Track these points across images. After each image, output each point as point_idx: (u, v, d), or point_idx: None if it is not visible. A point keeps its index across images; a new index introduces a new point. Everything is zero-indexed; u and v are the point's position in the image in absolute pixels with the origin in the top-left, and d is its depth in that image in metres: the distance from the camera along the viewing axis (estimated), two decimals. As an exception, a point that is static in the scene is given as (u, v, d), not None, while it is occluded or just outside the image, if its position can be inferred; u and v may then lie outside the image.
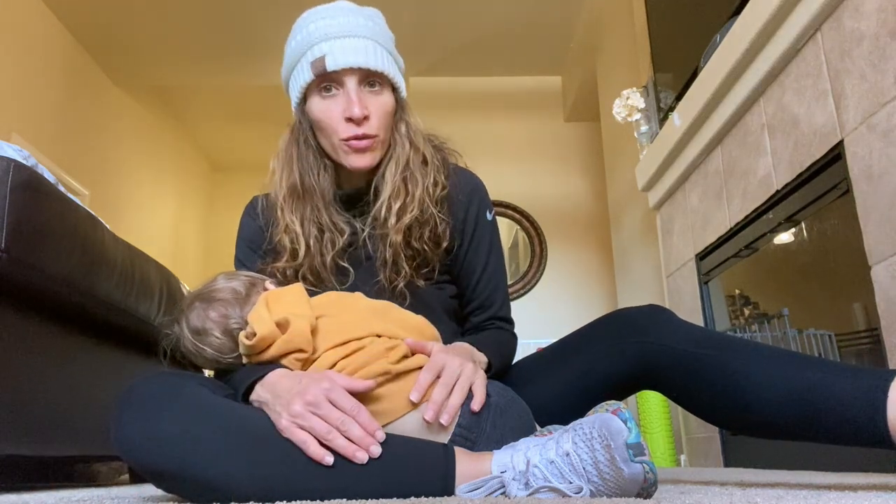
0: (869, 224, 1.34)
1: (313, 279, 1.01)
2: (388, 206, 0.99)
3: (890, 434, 0.72)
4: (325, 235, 1.01)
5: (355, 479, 0.71)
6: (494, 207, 1.25)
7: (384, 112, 1.00)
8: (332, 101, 0.98)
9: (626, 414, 0.68)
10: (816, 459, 1.54)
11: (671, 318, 0.90)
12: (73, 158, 4.04)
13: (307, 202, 1.01)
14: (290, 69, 1.04)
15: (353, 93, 0.97)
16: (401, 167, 1.01)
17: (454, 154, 1.11)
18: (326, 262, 1.00)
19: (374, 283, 1.01)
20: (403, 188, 1.00)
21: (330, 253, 1.00)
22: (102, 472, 2.07)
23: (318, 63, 0.97)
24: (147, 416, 0.72)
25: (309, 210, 1.01)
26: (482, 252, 1.07)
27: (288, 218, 1.01)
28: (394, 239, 0.98)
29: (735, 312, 2.13)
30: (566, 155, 4.49)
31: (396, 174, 1.01)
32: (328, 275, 1.01)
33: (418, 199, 0.99)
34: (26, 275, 1.17)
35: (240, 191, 5.88)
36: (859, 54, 1.37)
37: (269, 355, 0.84)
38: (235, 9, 3.94)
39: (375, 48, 0.99)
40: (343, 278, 1.02)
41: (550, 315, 4.05)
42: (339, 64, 0.96)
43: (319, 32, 0.98)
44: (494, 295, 1.08)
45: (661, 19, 2.57)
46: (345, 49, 0.96)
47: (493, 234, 1.10)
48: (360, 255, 1.03)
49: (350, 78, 0.97)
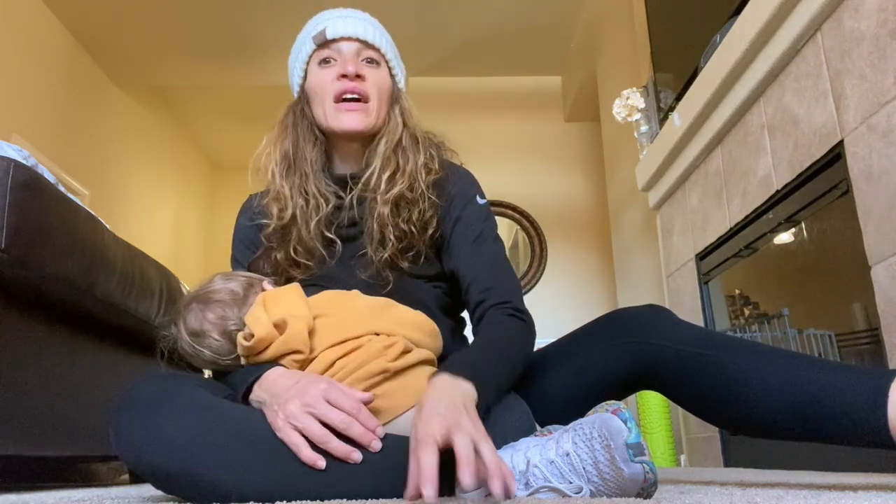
0: (869, 224, 1.34)
1: (303, 250, 1.02)
2: (378, 176, 1.02)
3: (890, 434, 0.72)
4: (310, 202, 1.02)
5: (355, 478, 0.71)
6: (495, 207, 1.24)
7: (378, 82, 1.05)
8: (328, 69, 1.05)
9: (626, 414, 0.68)
10: (816, 459, 1.54)
11: (670, 317, 0.90)
12: (73, 158, 4.04)
13: (297, 169, 1.04)
14: (296, 52, 1.11)
15: (348, 56, 1.04)
16: (392, 144, 1.04)
17: (450, 151, 1.12)
18: (311, 229, 1.01)
19: (361, 254, 1.01)
20: (394, 160, 1.03)
21: (314, 219, 1.01)
22: (102, 472, 2.07)
23: (319, 35, 1.05)
24: (146, 417, 0.72)
25: (298, 178, 1.04)
26: (473, 231, 1.02)
27: (278, 183, 1.04)
28: (381, 210, 0.99)
29: (735, 312, 2.13)
30: (566, 155, 4.49)
31: (388, 149, 1.04)
32: (315, 245, 1.01)
33: (408, 174, 1.02)
34: (26, 275, 1.17)
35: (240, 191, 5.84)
36: (859, 54, 1.37)
37: (267, 356, 0.84)
38: (235, 9, 3.94)
39: (374, 29, 1.07)
40: (330, 249, 1.03)
41: (550, 315, 4.05)
42: (338, 32, 1.04)
43: (325, 15, 1.08)
44: (496, 281, 0.98)
45: (661, 19, 2.57)
46: (345, 23, 1.05)
47: (486, 218, 1.05)
48: (347, 228, 1.04)
49: (347, 45, 1.04)
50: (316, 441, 0.72)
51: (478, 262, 1.00)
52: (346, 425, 0.72)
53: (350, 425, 0.72)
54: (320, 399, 0.73)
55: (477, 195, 1.07)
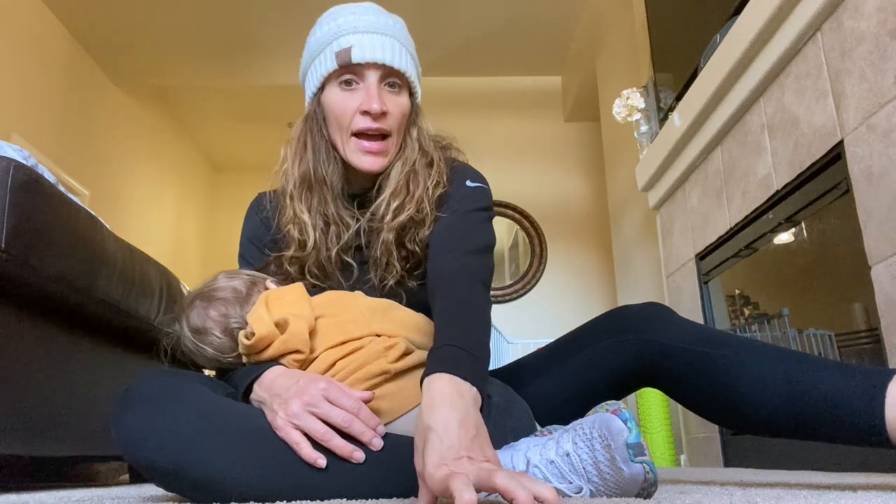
0: (869, 224, 1.34)
1: (319, 273, 1.00)
2: (387, 204, 0.99)
3: (888, 433, 0.72)
4: (330, 228, 1.00)
5: (355, 478, 0.71)
6: (495, 207, 1.22)
7: (400, 112, 1.00)
8: (350, 95, 0.98)
9: (627, 414, 0.68)
10: (816, 459, 1.54)
11: (670, 315, 0.90)
12: (73, 158, 4.04)
13: (316, 192, 1.01)
14: (312, 58, 1.03)
15: (373, 87, 0.97)
16: (406, 169, 1.01)
17: (458, 152, 1.11)
18: (332, 257, 0.99)
19: (366, 280, 1.00)
20: (405, 188, 1.00)
21: (335, 247, 1.00)
22: (102, 472, 2.07)
23: (344, 54, 0.97)
24: (148, 414, 0.72)
25: (317, 201, 1.01)
26: (453, 207, 0.99)
27: (297, 207, 1.00)
28: (386, 237, 0.98)
29: (735, 312, 2.13)
30: (566, 155, 4.49)
31: (401, 174, 1.01)
32: (333, 269, 1.00)
33: (416, 199, 0.99)
34: (26, 275, 1.17)
35: (240, 191, 5.89)
36: (859, 54, 1.37)
37: (268, 355, 0.84)
38: (235, 9, 3.94)
39: (401, 49, 1.00)
40: (347, 273, 1.01)
41: (550, 315, 4.05)
42: (365, 57, 0.96)
43: (348, 25, 0.99)
44: (465, 243, 0.92)
45: (661, 19, 2.57)
46: (373, 44, 0.97)
47: (472, 195, 1.01)
48: (360, 252, 1.03)
49: (372, 73, 0.98)
50: (318, 440, 0.72)
51: (450, 224, 0.97)
52: (347, 423, 0.72)
53: (351, 423, 0.72)
54: (321, 398, 0.73)
55: (468, 179, 1.04)
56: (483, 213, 1.00)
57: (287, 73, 4.47)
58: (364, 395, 0.76)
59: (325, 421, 0.73)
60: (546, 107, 4.60)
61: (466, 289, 0.84)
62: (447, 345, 0.73)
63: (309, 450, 0.71)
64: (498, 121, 4.52)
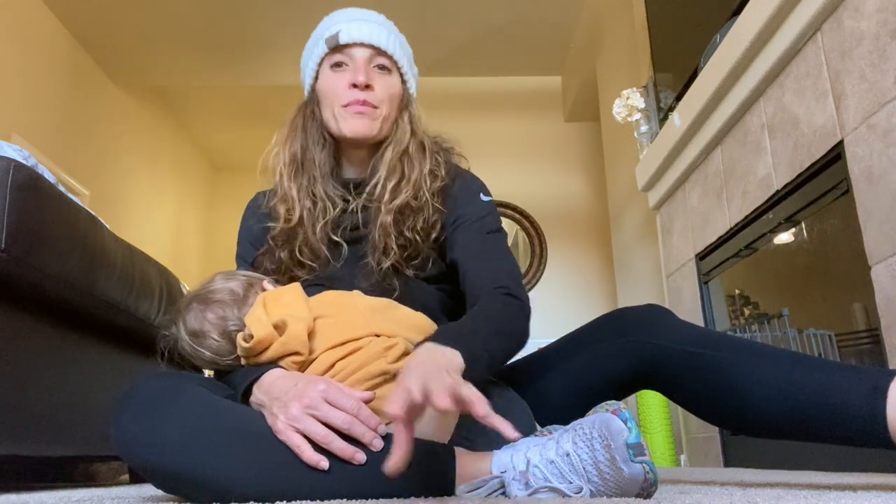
0: (869, 224, 1.34)
1: (309, 252, 1.02)
2: (382, 185, 1.02)
3: (890, 434, 0.72)
4: (317, 206, 1.03)
5: (355, 479, 0.71)
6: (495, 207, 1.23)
7: (388, 90, 1.05)
8: (340, 74, 1.05)
9: (626, 414, 0.68)
10: (816, 459, 1.54)
11: (670, 317, 0.91)
12: (73, 158, 4.03)
13: (305, 172, 1.05)
14: (308, 53, 1.11)
15: (360, 62, 1.04)
16: (399, 151, 1.04)
17: (460, 157, 1.12)
18: (317, 232, 1.01)
19: (363, 263, 1.00)
20: (400, 169, 1.03)
21: (321, 222, 1.02)
22: (102, 472, 2.07)
23: (332, 38, 1.05)
24: (147, 416, 0.72)
25: (306, 180, 1.04)
26: (474, 224, 1.01)
27: (286, 185, 1.04)
28: (384, 220, 0.99)
29: (735, 312, 2.13)
30: (566, 155, 4.49)
31: (394, 156, 1.04)
32: (319, 246, 1.01)
33: (413, 182, 1.02)
34: (26, 275, 1.17)
35: (240, 191, 5.87)
36: (859, 54, 1.37)
37: (267, 357, 0.84)
38: (235, 9, 3.94)
39: (388, 34, 1.07)
40: (336, 252, 1.03)
41: (550, 315, 4.04)
42: (352, 37, 1.04)
43: (338, 16, 1.08)
44: (494, 267, 0.97)
45: (661, 19, 2.57)
46: (360, 28, 1.05)
47: (489, 213, 1.04)
48: (352, 231, 1.04)
49: (360, 52, 1.05)
50: (319, 442, 0.71)
51: (477, 250, 0.99)
52: (347, 425, 0.72)
53: (352, 425, 0.72)
54: (320, 400, 0.73)
55: (481, 192, 1.07)
56: (503, 234, 1.05)
57: (287, 73, 4.47)
58: (364, 396, 0.76)
59: (326, 423, 0.73)
60: (546, 107, 4.60)
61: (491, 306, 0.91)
62: (444, 329, 0.80)
63: (311, 453, 0.71)
64: (498, 121, 4.52)
